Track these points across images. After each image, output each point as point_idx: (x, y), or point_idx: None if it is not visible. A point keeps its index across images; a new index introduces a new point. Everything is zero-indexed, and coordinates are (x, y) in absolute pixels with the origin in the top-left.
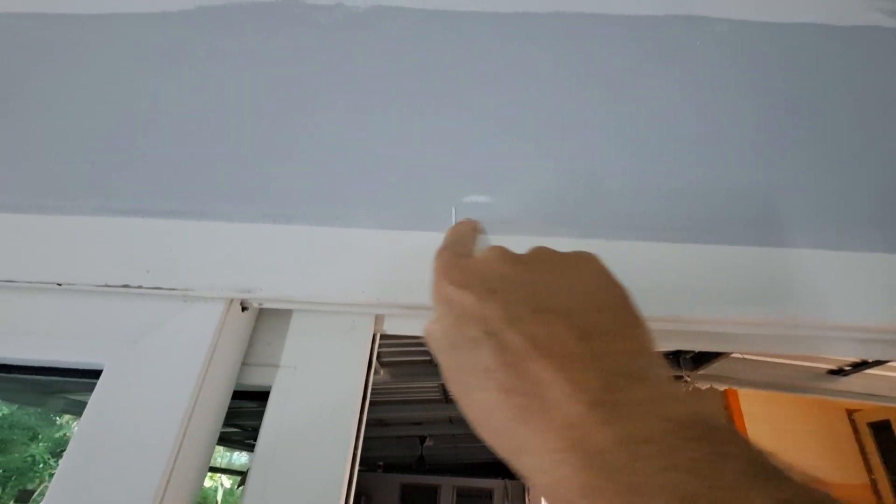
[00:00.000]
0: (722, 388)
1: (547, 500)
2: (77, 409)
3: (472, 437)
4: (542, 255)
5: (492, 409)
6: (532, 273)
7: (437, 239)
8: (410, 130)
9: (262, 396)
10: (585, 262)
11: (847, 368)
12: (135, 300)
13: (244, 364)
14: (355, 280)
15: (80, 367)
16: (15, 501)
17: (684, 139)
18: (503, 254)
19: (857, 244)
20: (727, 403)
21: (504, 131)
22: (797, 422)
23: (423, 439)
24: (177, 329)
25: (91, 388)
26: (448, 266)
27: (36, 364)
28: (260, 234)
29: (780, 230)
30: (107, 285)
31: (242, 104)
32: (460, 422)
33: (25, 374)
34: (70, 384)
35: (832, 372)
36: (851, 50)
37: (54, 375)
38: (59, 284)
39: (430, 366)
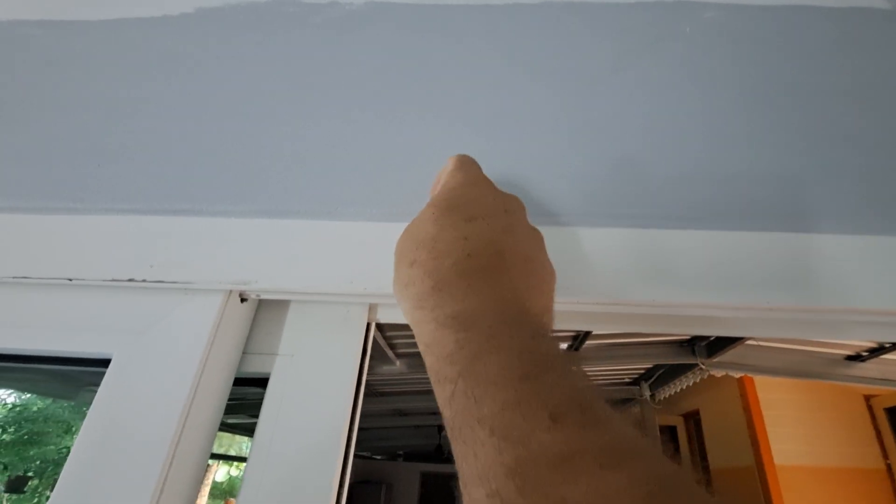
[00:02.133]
0: (737, 375)
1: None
2: None
3: None
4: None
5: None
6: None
7: None
8: (401, 125)
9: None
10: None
11: (864, 354)
12: (140, 293)
13: (245, 353)
14: (348, 271)
15: (91, 356)
16: (51, 490)
17: (688, 127)
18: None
19: (877, 227)
20: (743, 390)
21: (493, 124)
22: (814, 408)
23: (440, 428)
24: (179, 320)
25: None
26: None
27: (49, 355)
28: (257, 228)
29: (799, 215)
30: (114, 280)
31: (238, 104)
32: None
33: (40, 364)
34: (99, 377)
35: (850, 358)
36: (847, 32)
37: (68, 365)
38: (70, 280)
39: None
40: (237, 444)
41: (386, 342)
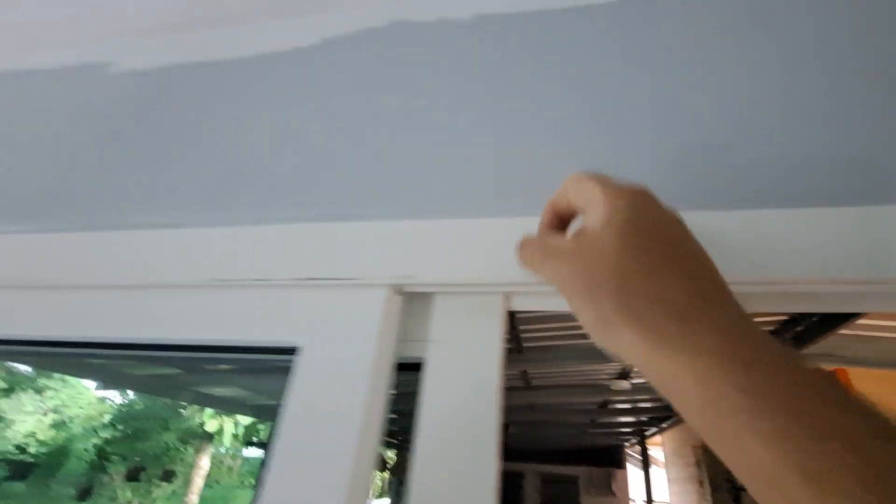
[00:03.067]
0: (830, 367)
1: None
2: (203, 401)
3: (553, 424)
4: None
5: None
6: None
7: None
8: (521, 127)
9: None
10: None
11: None
12: (318, 290)
13: (401, 340)
14: (487, 263)
15: (279, 346)
16: (161, 480)
17: (785, 107)
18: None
19: None
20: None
21: (603, 118)
22: None
23: (506, 426)
24: (352, 310)
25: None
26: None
27: (244, 345)
28: (407, 228)
29: None
30: (295, 279)
31: (378, 120)
32: (542, 409)
33: (232, 353)
34: (198, 381)
35: None
36: None
37: (254, 353)
38: (258, 280)
39: (510, 353)
40: None
41: None
